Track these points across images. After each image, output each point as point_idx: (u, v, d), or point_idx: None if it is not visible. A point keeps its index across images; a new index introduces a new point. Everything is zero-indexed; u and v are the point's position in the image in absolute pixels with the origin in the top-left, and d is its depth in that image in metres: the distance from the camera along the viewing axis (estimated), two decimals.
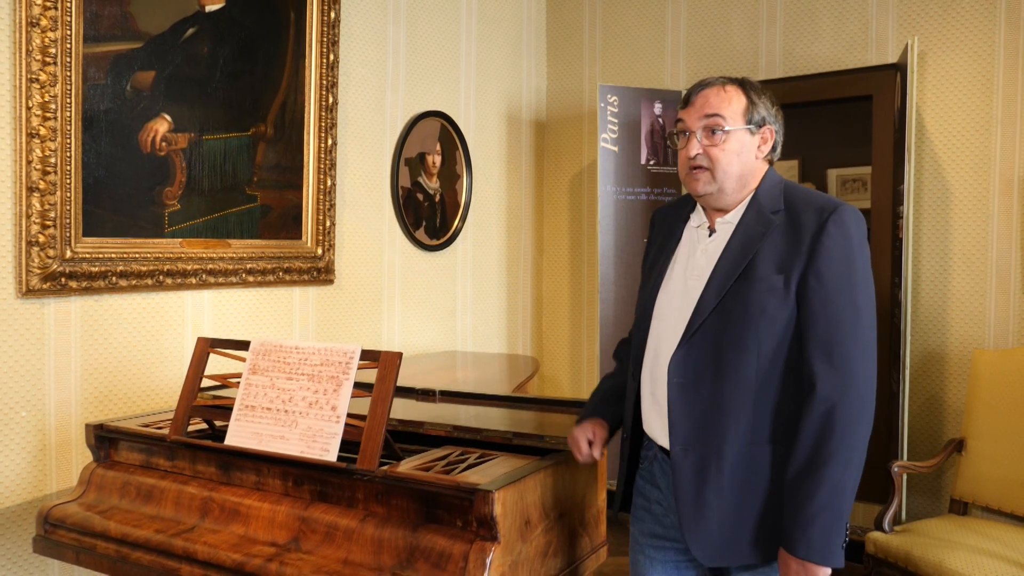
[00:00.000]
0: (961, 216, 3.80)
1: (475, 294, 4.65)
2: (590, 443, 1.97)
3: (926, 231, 3.86)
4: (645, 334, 1.88)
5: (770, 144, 1.82)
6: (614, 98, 4.24)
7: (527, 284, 5.05)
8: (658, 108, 4.34)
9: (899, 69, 3.68)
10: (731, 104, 1.77)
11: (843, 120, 4.18)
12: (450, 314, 4.48)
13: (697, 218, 1.90)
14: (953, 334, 3.82)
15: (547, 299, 5.14)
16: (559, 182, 5.08)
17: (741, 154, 1.77)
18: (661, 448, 1.87)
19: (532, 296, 5.09)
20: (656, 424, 1.85)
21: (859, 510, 3.94)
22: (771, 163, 1.87)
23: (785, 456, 1.70)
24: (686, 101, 1.84)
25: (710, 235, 1.84)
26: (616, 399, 2.05)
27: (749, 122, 1.78)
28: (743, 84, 1.82)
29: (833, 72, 4.03)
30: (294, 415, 2.09)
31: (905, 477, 3.46)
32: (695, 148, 1.78)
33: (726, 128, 1.76)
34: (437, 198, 4.33)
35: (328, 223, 3.69)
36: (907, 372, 3.52)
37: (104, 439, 2.41)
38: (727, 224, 1.82)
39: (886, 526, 3.14)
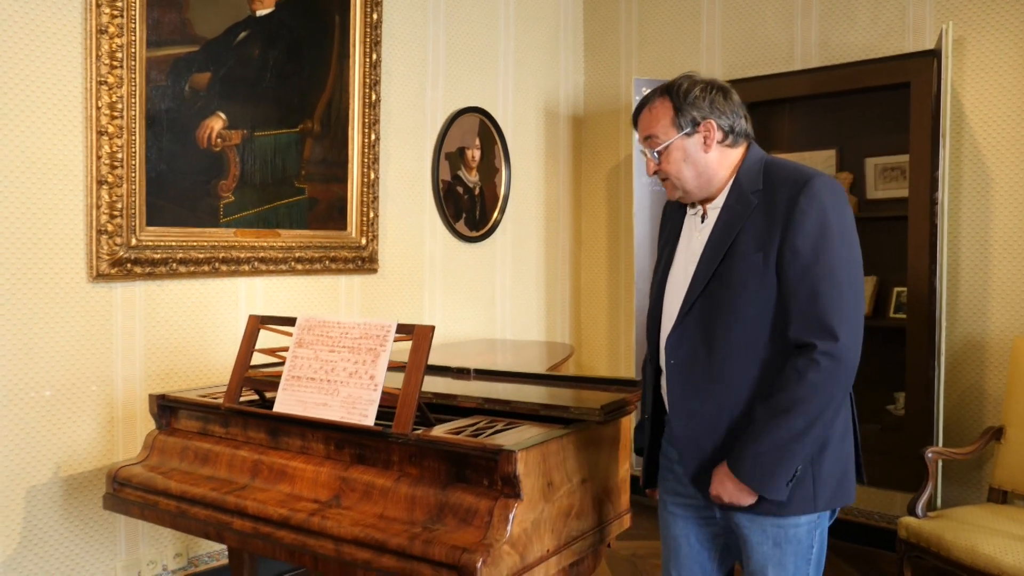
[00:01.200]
0: (1002, 202, 3.79)
1: (514, 284, 4.79)
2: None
3: (966, 218, 3.86)
4: (658, 319, 2.00)
5: (716, 134, 1.88)
6: (648, 91, 4.34)
7: (566, 275, 5.18)
8: None
9: (936, 55, 3.70)
10: (659, 120, 1.88)
11: (881, 109, 4.20)
12: (489, 303, 4.63)
13: (693, 207, 2.01)
14: (994, 321, 3.82)
15: (585, 290, 5.26)
16: (597, 176, 5.19)
17: (688, 158, 1.88)
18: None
19: (571, 287, 5.22)
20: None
21: (896, 499, 3.98)
22: (748, 145, 1.93)
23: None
24: (634, 121, 1.98)
25: (702, 221, 1.95)
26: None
27: (680, 128, 1.86)
28: (670, 92, 1.89)
29: (870, 60, 4.05)
30: (335, 384, 2.26)
31: (940, 464, 3.46)
32: (651, 168, 1.94)
33: (662, 145, 1.88)
34: (476, 191, 4.49)
35: (372, 215, 3.87)
36: (942, 359, 3.54)
37: (165, 408, 2.61)
38: (715, 209, 1.92)
39: (919, 511, 3.15)
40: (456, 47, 4.38)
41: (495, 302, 4.67)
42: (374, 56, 3.80)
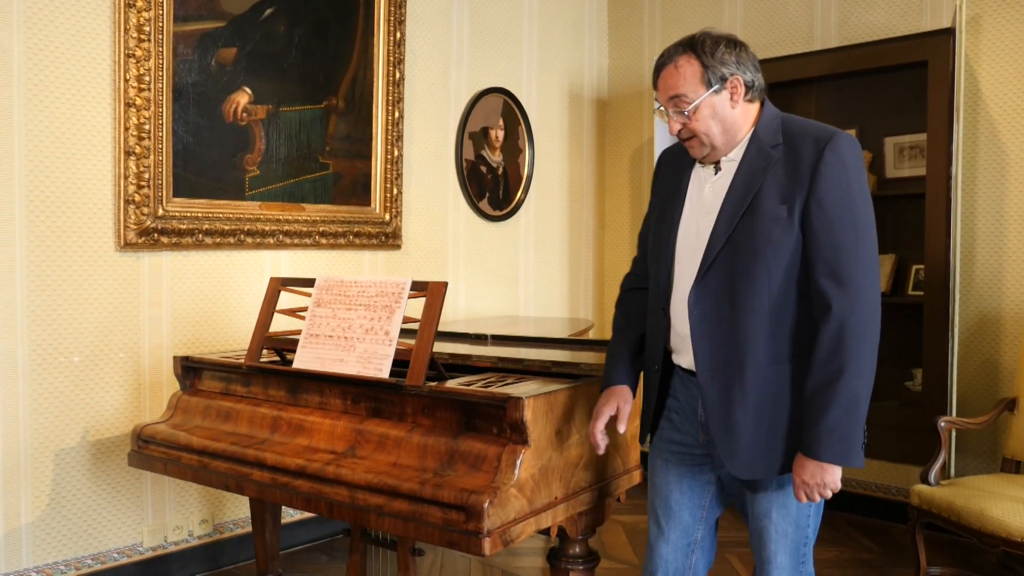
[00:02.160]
0: (1018, 178, 3.78)
1: (537, 264, 4.84)
2: (614, 418, 2.04)
3: (982, 194, 3.86)
4: (669, 270, 1.99)
5: (742, 89, 1.88)
6: None
7: (589, 256, 5.21)
8: None
9: (953, 33, 3.71)
10: (687, 79, 1.85)
11: (900, 88, 4.19)
12: (512, 282, 4.68)
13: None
14: (1009, 296, 3.81)
15: (609, 271, 5.29)
16: (620, 157, 5.22)
17: (716, 115, 1.87)
18: (682, 368, 2.01)
19: (594, 268, 5.25)
20: (681, 351, 1.99)
21: (913, 473, 3.97)
22: (762, 101, 1.93)
23: (803, 371, 1.82)
24: (654, 82, 1.94)
25: (716, 173, 1.94)
26: (633, 357, 2.10)
27: (709, 85, 1.84)
28: (694, 48, 1.85)
29: (888, 39, 4.05)
30: (352, 341, 2.32)
31: (953, 433, 3.48)
32: (675, 126, 1.90)
33: (691, 104, 1.86)
34: (500, 171, 4.55)
35: (395, 191, 3.94)
36: (956, 332, 3.55)
37: (189, 369, 2.70)
38: (731, 162, 1.92)
39: (931, 479, 3.17)
40: (480, 27, 4.44)
41: (518, 281, 4.72)
42: (398, 35, 3.87)
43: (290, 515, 3.63)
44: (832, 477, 1.79)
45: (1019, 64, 3.77)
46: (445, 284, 2.25)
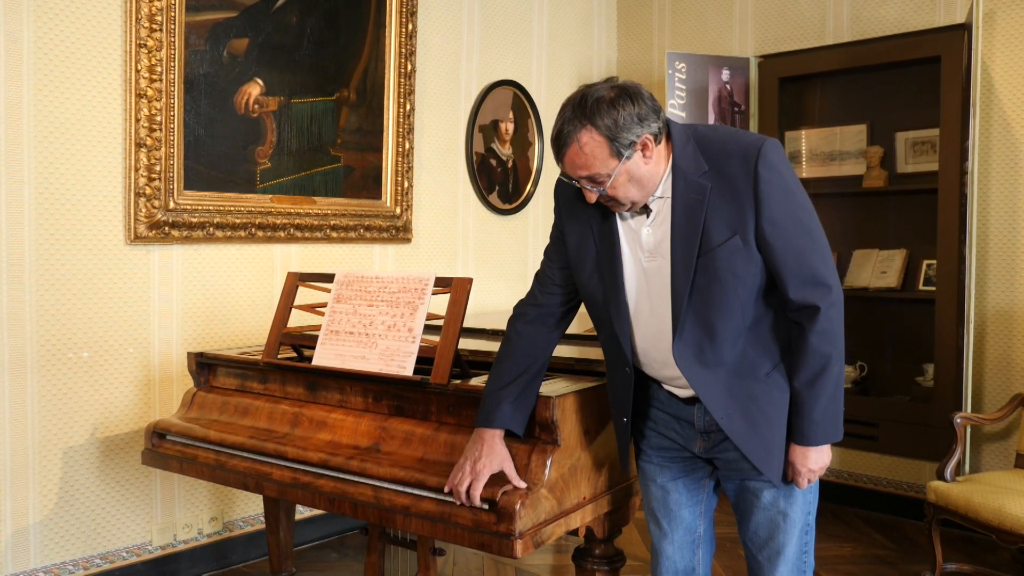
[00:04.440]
0: None
1: None
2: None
3: (995, 189, 3.84)
4: (628, 330, 1.90)
5: (652, 144, 1.76)
6: (682, 65, 4.34)
7: None
8: (726, 75, 4.41)
9: (967, 29, 3.69)
10: (596, 157, 1.73)
11: (912, 83, 4.18)
12: (522, 276, 4.65)
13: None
14: (1022, 291, 3.81)
15: None
16: None
17: (633, 178, 1.77)
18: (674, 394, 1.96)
19: None
20: (673, 386, 1.94)
21: (925, 469, 3.97)
22: (668, 132, 1.80)
23: (789, 366, 1.85)
24: (557, 157, 1.80)
25: (648, 216, 1.85)
26: (531, 394, 1.98)
27: (621, 156, 1.73)
28: (592, 120, 1.71)
29: (901, 34, 4.04)
30: (374, 337, 2.29)
31: (969, 430, 3.47)
32: (592, 196, 1.80)
33: (609, 180, 1.75)
34: (510, 164, 4.51)
35: (406, 184, 3.90)
36: (971, 327, 3.54)
37: (204, 365, 2.65)
38: (659, 199, 1.83)
39: (948, 475, 3.17)
40: (491, 20, 4.40)
41: (527, 275, 4.68)
42: (410, 26, 3.82)
43: (300, 512, 3.60)
44: (829, 456, 1.87)
45: None
46: (470, 280, 2.22)
